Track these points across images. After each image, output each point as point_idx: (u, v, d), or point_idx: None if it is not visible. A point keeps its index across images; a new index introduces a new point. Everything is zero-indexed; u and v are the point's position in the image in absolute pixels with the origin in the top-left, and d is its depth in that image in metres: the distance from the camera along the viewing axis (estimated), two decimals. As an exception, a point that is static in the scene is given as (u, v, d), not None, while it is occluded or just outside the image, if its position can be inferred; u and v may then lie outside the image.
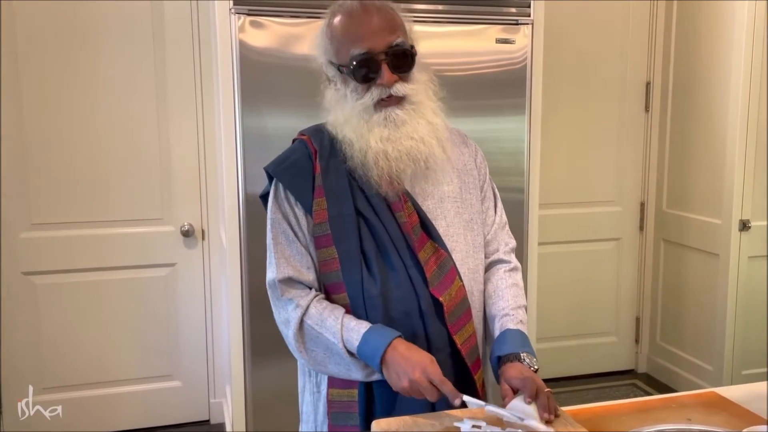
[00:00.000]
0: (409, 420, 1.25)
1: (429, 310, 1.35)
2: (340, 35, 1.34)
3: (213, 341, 3.15)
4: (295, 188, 1.38)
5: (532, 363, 1.34)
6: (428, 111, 1.37)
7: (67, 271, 2.93)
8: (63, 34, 2.79)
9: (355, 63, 1.31)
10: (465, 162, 1.50)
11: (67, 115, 2.84)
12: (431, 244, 1.39)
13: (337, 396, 1.39)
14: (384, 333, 1.29)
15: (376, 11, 1.33)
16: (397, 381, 1.25)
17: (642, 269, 3.67)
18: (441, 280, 1.37)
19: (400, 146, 1.32)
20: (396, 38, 1.32)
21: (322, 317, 1.34)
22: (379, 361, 1.27)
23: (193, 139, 3.00)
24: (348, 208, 1.36)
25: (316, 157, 1.39)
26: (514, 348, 1.36)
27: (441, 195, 1.44)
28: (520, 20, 2.56)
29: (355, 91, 1.34)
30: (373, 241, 1.36)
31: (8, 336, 2.89)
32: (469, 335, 1.41)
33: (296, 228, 1.38)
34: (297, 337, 1.35)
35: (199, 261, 3.09)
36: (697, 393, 1.43)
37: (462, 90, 2.56)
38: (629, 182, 3.58)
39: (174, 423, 3.15)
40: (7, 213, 2.82)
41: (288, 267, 1.37)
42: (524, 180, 2.68)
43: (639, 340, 3.72)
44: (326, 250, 1.36)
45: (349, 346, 1.31)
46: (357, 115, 1.34)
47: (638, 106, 3.52)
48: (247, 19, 2.29)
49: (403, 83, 1.33)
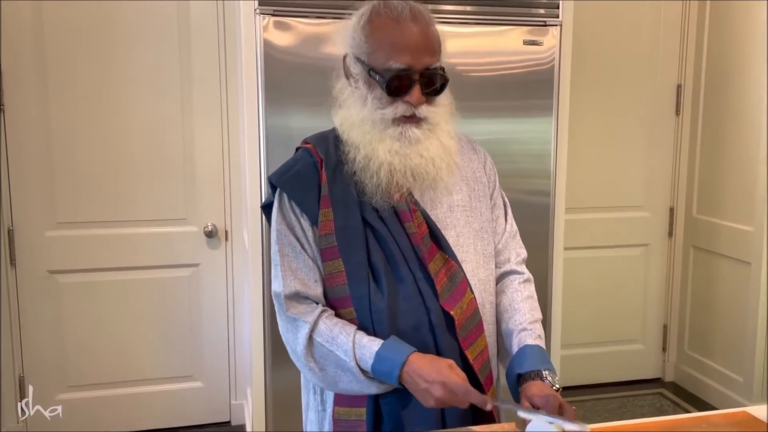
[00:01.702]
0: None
1: (439, 323, 1.30)
2: (381, 38, 1.28)
3: (235, 343, 3.15)
4: (300, 199, 1.33)
5: (554, 381, 1.30)
6: (444, 133, 1.33)
7: (91, 270, 2.94)
8: (89, 34, 2.81)
9: (391, 76, 1.26)
10: (474, 169, 1.46)
11: (93, 115, 2.86)
12: (441, 255, 1.34)
13: (344, 415, 1.34)
14: (398, 349, 1.24)
15: (425, 26, 1.29)
16: (424, 402, 1.21)
17: (670, 276, 3.60)
18: (452, 292, 1.32)
19: (408, 161, 1.29)
20: (435, 61, 1.29)
21: (332, 334, 1.29)
22: (397, 381, 1.23)
23: (217, 140, 3.00)
24: (355, 218, 1.31)
25: (322, 167, 1.34)
26: (535, 365, 1.31)
27: (450, 204, 1.39)
28: (548, 21, 2.52)
29: (378, 99, 1.29)
30: (382, 253, 1.31)
31: (33, 334, 2.91)
32: (482, 349, 1.35)
33: (303, 240, 1.34)
34: (306, 354, 1.30)
35: (222, 262, 3.09)
36: (729, 413, 1.37)
37: (488, 91, 2.53)
38: (658, 187, 3.51)
39: (195, 424, 3.15)
40: (33, 211, 2.84)
41: (295, 281, 1.32)
42: (550, 183, 2.64)
43: (666, 348, 3.64)
44: (332, 262, 1.31)
45: (363, 364, 1.26)
46: (372, 122, 1.30)
47: (669, 108, 3.45)
48: (272, 19, 2.28)
49: (428, 105, 1.30)
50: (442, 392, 1.18)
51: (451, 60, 2.40)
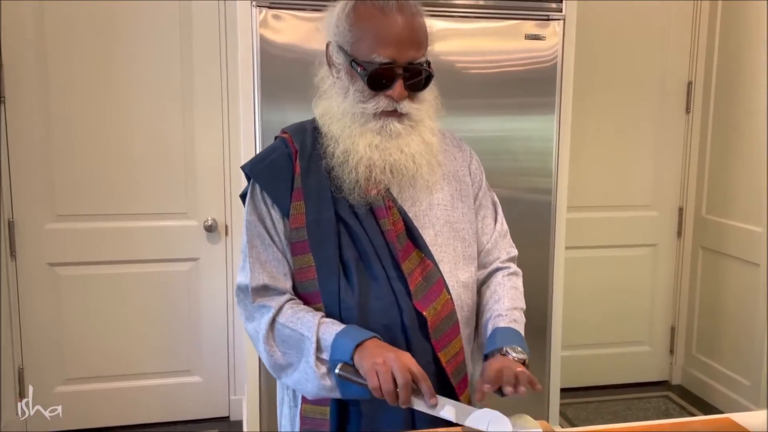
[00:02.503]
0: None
1: (412, 324, 1.26)
2: (365, 29, 1.23)
3: (234, 338, 3.13)
4: (272, 190, 1.30)
5: (516, 353, 1.24)
6: (426, 130, 1.30)
7: (91, 263, 2.94)
8: (91, 27, 2.80)
9: (373, 70, 1.22)
10: (457, 168, 1.41)
11: (94, 109, 2.85)
12: (417, 254, 1.30)
13: (310, 412, 1.30)
14: (363, 331, 1.21)
15: (412, 18, 1.24)
16: (374, 356, 1.14)
17: (679, 277, 3.53)
18: (426, 292, 1.28)
19: (388, 157, 1.25)
20: (420, 55, 1.25)
21: (297, 316, 1.25)
22: (356, 345, 1.17)
23: (218, 135, 2.99)
24: (328, 212, 1.27)
25: (296, 158, 1.30)
26: (496, 344, 1.27)
27: (430, 201, 1.35)
28: (551, 16, 2.47)
29: (360, 92, 1.26)
30: (354, 249, 1.27)
31: (33, 326, 2.92)
32: (456, 352, 1.31)
33: (272, 232, 1.30)
34: (266, 338, 1.26)
35: (222, 256, 3.08)
36: (711, 419, 1.33)
37: (489, 88, 2.49)
38: (667, 186, 3.44)
39: (193, 418, 3.15)
40: (33, 204, 2.85)
41: (263, 273, 1.29)
42: (552, 181, 2.59)
43: (674, 350, 3.58)
44: (303, 257, 1.28)
45: (326, 336, 1.21)
46: (352, 116, 1.26)
47: (679, 106, 3.38)
48: (269, 12, 2.25)
49: (410, 101, 1.26)
50: (395, 358, 1.13)
51: (450, 56, 2.39)
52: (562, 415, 3.18)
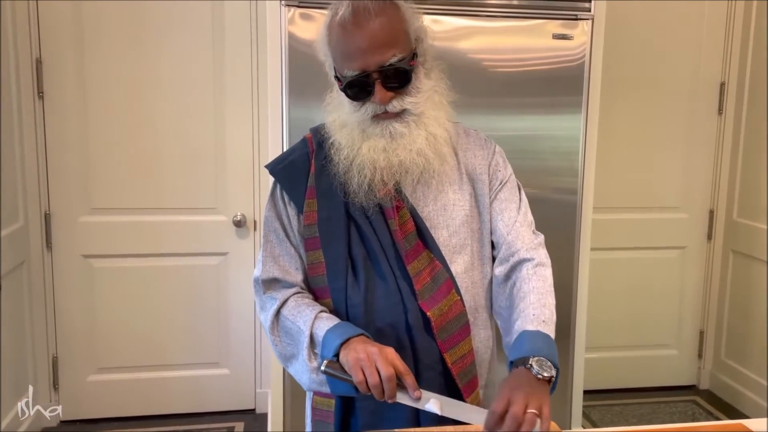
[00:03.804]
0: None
1: (417, 324, 1.27)
2: (334, 47, 1.26)
3: (261, 332, 3.18)
4: (289, 187, 1.35)
5: (542, 369, 1.11)
6: (431, 121, 1.29)
7: (123, 256, 3.02)
8: (127, 31, 2.87)
9: (347, 83, 1.24)
10: (476, 165, 1.40)
11: (129, 107, 2.92)
12: (427, 254, 1.30)
13: (319, 403, 1.35)
14: (360, 329, 1.23)
15: (370, 25, 1.21)
16: (357, 352, 1.14)
17: (708, 281, 3.48)
18: (433, 293, 1.28)
19: (394, 157, 1.26)
20: (390, 56, 1.22)
21: (299, 309, 1.29)
22: (345, 339, 1.18)
23: (247, 132, 3.04)
24: (338, 211, 1.31)
25: (313, 157, 1.35)
26: (523, 352, 1.15)
27: (445, 202, 1.35)
28: (579, 15, 2.45)
29: (351, 103, 1.28)
30: (363, 247, 1.30)
31: (67, 315, 3.01)
32: (464, 354, 1.30)
33: (288, 227, 1.35)
34: (272, 328, 1.31)
35: (251, 251, 3.13)
36: (725, 424, 1.32)
37: (515, 87, 2.48)
38: (698, 188, 3.39)
39: (220, 410, 3.20)
40: (69, 197, 2.93)
41: (275, 266, 1.34)
42: (578, 181, 2.58)
43: (702, 355, 3.53)
44: (314, 253, 1.32)
45: (318, 331, 1.23)
46: (352, 125, 1.29)
47: (711, 107, 3.33)
48: (297, 11, 2.29)
49: (400, 98, 1.25)
50: (378, 352, 1.13)
51: (477, 55, 2.40)
52: (586, 417, 3.17)
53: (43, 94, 2.85)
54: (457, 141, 1.39)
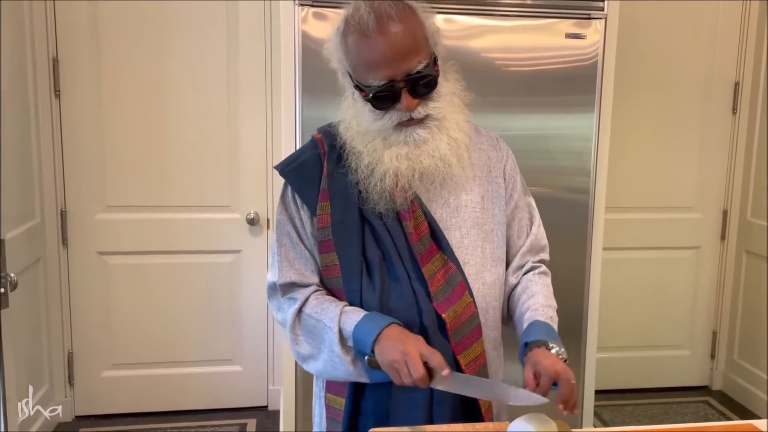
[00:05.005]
0: (407, 430, 1.22)
1: (431, 325, 1.28)
2: (356, 55, 1.22)
3: (274, 329, 3.20)
4: (301, 190, 1.33)
5: (560, 353, 1.23)
6: (452, 125, 1.28)
7: (138, 253, 3.05)
8: (142, 30, 2.90)
9: (374, 93, 1.22)
10: (491, 168, 1.40)
11: (144, 104, 2.95)
12: (440, 256, 1.31)
13: (331, 401, 1.36)
14: (385, 317, 1.25)
15: (394, 33, 1.18)
16: (390, 353, 1.18)
17: (721, 281, 3.46)
18: (447, 295, 1.29)
19: (417, 164, 1.25)
20: (417, 64, 1.21)
21: (322, 306, 1.30)
22: (375, 336, 1.21)
23: (261, 131, 3.06)
24: (352, 213, 1.30)
25: (325, 159, 1.33)
26: (541, 336, 1.26)
27: (458, 204, 1.35)
28: (592, 14, 2.45)
29: (372, 111, 1.26)
30: (378, 249, 1.30)
31: (82, 312, 3.04)
32: (477, 355, 1.32)
33: (301, 231, 1.34)
34: (293, 327, 1.32)
35: (264, 249, 3.15)
36: (734, 424, 1.32)
37: (528, 86, 2.48)
38: (712, 188, 3.38)
39: (233, 407, 3.23)
40: (85, 194, 2.97)
41: (291, 270, 1.34)
42: (590, 181, 2.57)
43: (715, 355, 3.52)
44: (328, 255, 1.32)
45: (347, 326, 1.25)
46: (374, 132, 1.28)
47: (725, 107, 3.31)
48: (311, 10, 2.30)
49: (425, 104, 1.25)
50: (411, 347, 1.17)
51: (490, 53, 2.41)
52: (598, 416, 3.16)
53: (59, 92, 2.88)
54: (470, 141, 1.38)
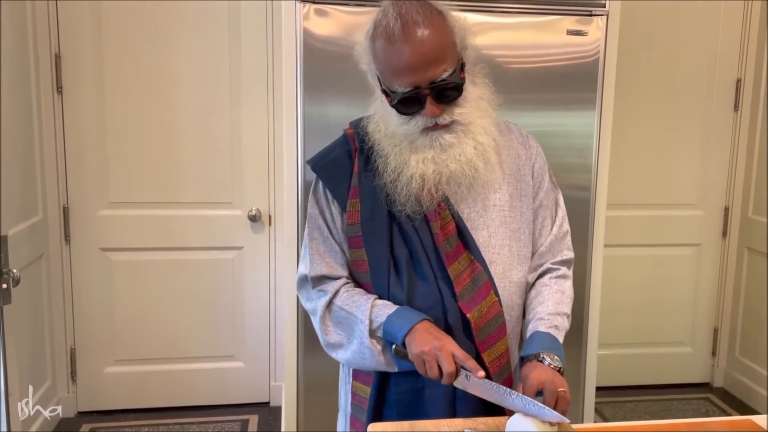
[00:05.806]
0: (406, 425, 1.23)
1: (456, 324, 1.29)
2: (382, 60, 1.23)
3: (276, 325, 3.21)
4: (332, 185, 1.35)
5: (553, 361, 1.25)
6: (479, 130, 1.28)
7: (140, 249, 3.06)
8: (144, 28, 2.91)
9: (399, 99, 1.22)
10: (520, 166, 1.39)
11: (146, 102, 2.96)
12: (467, 256, 1.31)
13: (358, 389, 1.38)
14: (418, 312, 1.27)
15: (419, 38, 1.18)
16: (422, 344, 1.20)
17: (723, 278, 3.47)
18: (473, 294, 1.30)
19: (444, 168, 1.26)
20: (442, 71, 1.20)
21: (353, 299, 1.33)
22: (409, 329, 1.23)
23: (263, 127, 3.07)
24: (381, 211, 1.31)
25: (356, 156, 1.34)
26: (534, 349, 1.28)
27: (485, 203, 1.35)
28: (594, 11, 2.45)
29: (399, 116, 1.26)
30: (405, 248, 1.32)
31: (85, 308, 3.05)
32: (500, 353, 1.33)
33: (331, 225, 1.37)
34: (322, 318, 1.35)
35: (265, 246, 3.15)
36: (731, 420, 1.33)
37: (529, 83, 2.48)
38: (713, 185, 3.38)
39: (234, 403, 3.24)
40: (87, 191, 2.97)
41: (322, 263, 1.37)
42: (591, 178, 2.57)
43: (716, 352, 3.52)
44: (357, 251, 1.34)
45: (378, 318, 1.28)
46: (401, 136, 1.28)
47: (727, 104, 3.31)
48: (312, 7, 2.30)
49: (450, 110, 1.24)
50: (442, 344, 1.19)
51: (491, 50, 2.41)
52: (599, 413, 3.17)
53: (62, 89, 2.89)
54: (500, 139, 1.37)
